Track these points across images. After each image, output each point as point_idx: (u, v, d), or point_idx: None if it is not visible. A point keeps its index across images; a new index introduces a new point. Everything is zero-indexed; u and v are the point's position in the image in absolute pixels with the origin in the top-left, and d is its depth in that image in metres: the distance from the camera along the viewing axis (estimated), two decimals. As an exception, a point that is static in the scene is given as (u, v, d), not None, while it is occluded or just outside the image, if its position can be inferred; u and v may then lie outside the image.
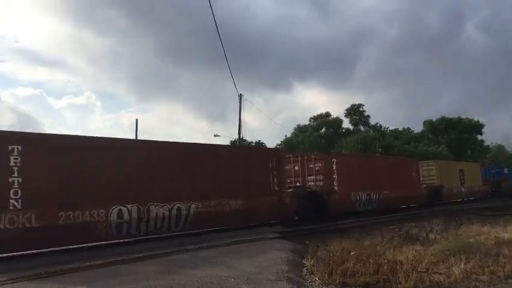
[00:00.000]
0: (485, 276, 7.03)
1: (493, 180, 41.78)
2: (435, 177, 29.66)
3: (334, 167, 20.34)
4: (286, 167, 19.63)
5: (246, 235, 12.78)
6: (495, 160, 68.50)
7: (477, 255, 8.69)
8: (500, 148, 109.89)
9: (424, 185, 28.14)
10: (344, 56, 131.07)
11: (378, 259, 8.50)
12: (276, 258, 8.27)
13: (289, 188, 18.40)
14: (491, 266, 7.54)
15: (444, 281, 6.88)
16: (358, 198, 21.31)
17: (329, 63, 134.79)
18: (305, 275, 7.58)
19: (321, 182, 19.81)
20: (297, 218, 17.67)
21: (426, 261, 7.99)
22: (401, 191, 24.03)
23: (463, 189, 33.49)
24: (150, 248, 10.60)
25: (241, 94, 36.37)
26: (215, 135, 40.93)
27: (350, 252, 9.63)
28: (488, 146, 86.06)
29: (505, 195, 39.50)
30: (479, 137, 77.33)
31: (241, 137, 37.49)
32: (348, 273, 7.25)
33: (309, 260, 8.63)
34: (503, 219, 17.59)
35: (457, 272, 7.17)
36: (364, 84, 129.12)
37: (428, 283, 6.76)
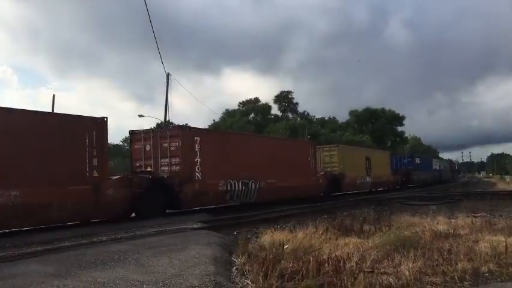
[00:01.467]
0: (438, 278, 6.21)
1: (404, 171, 40.64)
2: (336, 164, 26.65)
3: (197, 148, 16.12)
4: (136, 146, 16.49)
5: (168, 224, 11.36)
6: (412, 151, 71.84)
7: (420, 251, 7.98)
8: (416, 140, 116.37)
9: (322, 173, 24.71)
10: (275, 44, 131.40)
11: (318, 256, 7.50)
12: (201, 256, 6.96)
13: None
14: (442, 265, 6.75)
15: (395, 284, 5.96)
16: (230, 188, 17.40)
17: (260, 50, 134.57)
18: (235, 277, 6.36)
19: (178, 167, 15.58)
20: (134, 215, 13.89)
21: (372, 258, 7.05)
22: (290, 180, 20.74)
23: (368, 179, 31.22)
24: (50, 240, 8.91)
25: (168, 73, 34.50)
26: (140, 116, 38.52)
27: (283, 246, 8.63)
28: (407, 137, 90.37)
29: (414, 186, 39.87)
30: (400, 128, 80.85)
31: (167, 119, 35.59)
32: (286, 275, 6.12)
33: (240, 256, 7.43)
34: (426, 208, 17.69)
35: (407, 273, 6.28)
36: (293, 73, 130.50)
37: (378, 287, 5.80)
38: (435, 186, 42.02)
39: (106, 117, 12.93)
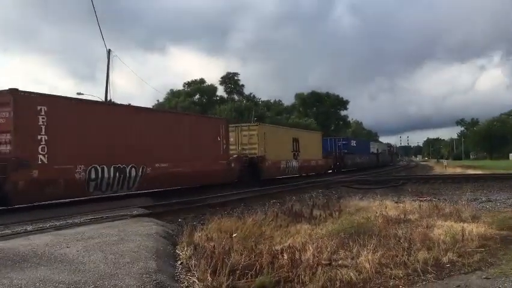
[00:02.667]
0: (400, 271, 5.78)
1: (337, 154, 38.52)
2: (256, 146, 23.39)
3: (41, 121, 12.15)
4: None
5: (105, 211, 10.38)
6: (354, 135, 73.40)
7: (375, 238, 7.60)
8: (358, 124, 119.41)
9: (235, 156, 21.53)
10: (222, 24, 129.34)
11: (271, 246, 6.90)
12: (141, 249, 6.13)
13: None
14: (402, 255, 6.34)
15: (356, 278, 5.46)
16: (95, 175, 13.51)
17: (207, 29, 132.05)
18: (180, 273, 5.61)
19: (7, 147, 11.68)
20: None
21: (328, 249, 6.53)
22: (190, 164, 17.41)
23: (295, 163, 27.95)
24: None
25: (109, 49, 32.60)
26: (78, 94, 36.24)
27: (232, 234, 7.98)
28: (349, 121, 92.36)
29: (349, 171, 37.77)
30: (344, 112, 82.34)
31: (109, 98, 33.73)
32: (237, 270, 5.46)
33: (185, 249, 6.67)
34: (372, 193, 17.69)
35: (367, 266, 5.81)
36: (240, 54, 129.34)
37: (338, 283, 5.28)
38: (372, 171, 40.13)
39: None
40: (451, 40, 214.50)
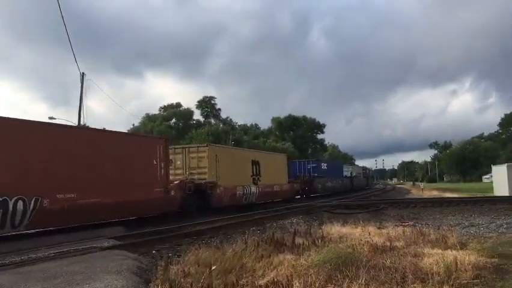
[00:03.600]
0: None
1: (306, 178, 35.20)
2: (206, 170, 20.18)
3: None
4: None
5: (72, 243, 9.61)
6: (331, 158, 73.46)
7: (363, 270, 7.10)
8: (334, 148, 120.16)
9: (176, 182, 17.83)
10: (198, 48, 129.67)
11: (253, 281, 6.33)
12: (109, 290, 5.47)
13: None
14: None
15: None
16: None
17: (183, 54, 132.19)
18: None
19: None
20: None
21: (317, 285, 5.99)
22: (111, 194, 13.78)
23: (254, 188, 24.01)
24: None
25: (83, 73, 31.87)
26: (50, 118, 35.15)
27: (210, 267, 7.37)
28: (326, 145, 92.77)
29: (320, 196, 35.57)
30: (321, 136, 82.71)
31: (83, 122, 32.81)
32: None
33: (159, 287, 6.03)
34: (354, 218, 17.30)
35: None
36: (216, 78, 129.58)
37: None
38: (344, 196, 36.92)
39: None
40: (424, 65, 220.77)
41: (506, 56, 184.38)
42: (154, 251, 9.34)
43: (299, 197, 32.92)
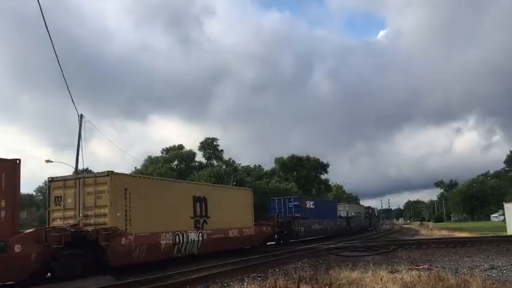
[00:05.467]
0: None
1: (284, 219, 29.25)
2: (107, 212, 14.24)
3: None
4: None
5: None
6: (336, 199, 72.07)
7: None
8: (339, 188, 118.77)
9: (29, 231, 12.17)
10: (202, 91, 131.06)
11: None
12: None
13: None
14: None
15: None
16: None
17: (187, 96, 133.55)
18: None
19: None
20: None
21: None
22: None
23: (196, 235, 17.82)
24: None
25: (81, 114, 31.33)
26: (47, 161, 34.56)
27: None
28: (330, 185, 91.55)
29: (302, 241, 29.85)
30: (325, 176, 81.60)
31: (83, 166, 32.09)
32: None
33: None
34: (363, 261, 16.13)
35: None
36: (220, 120, 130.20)
37: None
38: (337, 239, 30.99)
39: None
40: (427, 104, 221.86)
41: (511, 93, 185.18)
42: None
43: (274, 243, 27.29)
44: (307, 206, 34.01)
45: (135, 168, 67.53)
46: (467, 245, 20.45)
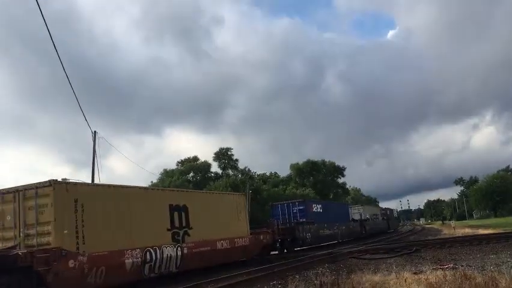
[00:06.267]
0: None
1: (286, 225, 27.27)
2: (51, 229, 11.73)
3: None
4: None
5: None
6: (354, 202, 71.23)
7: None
8: (356, 191, 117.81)
9: None
10: (215, 101, 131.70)
11: None
12: None
13: None
14: None
15: None
16: None
17: (200, 107, 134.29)
18: None
19: None
20: None
21: None
22: None
23: (173, 250, 15.26)
24: None
25: (95, 131, 31.49)
26: (63, 179, 34.52)
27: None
28: (348, 188, 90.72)
29: (306, 248, 27.72)
30: (342, 180, 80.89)
31: (98, 181, 32.21)
32: None
33: None
34: (385, 263, 15.79)
35: None
36: (235, 130, 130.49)
37: None
38: (347, 245, 29.77)
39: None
40: (442, 101, 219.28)
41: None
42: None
43: (276, 252, 25.33)
44: (313, 210, 31.66)
45: (151, 182, 67.79)
46: (492, 242, 19.95)
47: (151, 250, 14.24)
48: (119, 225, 13.53)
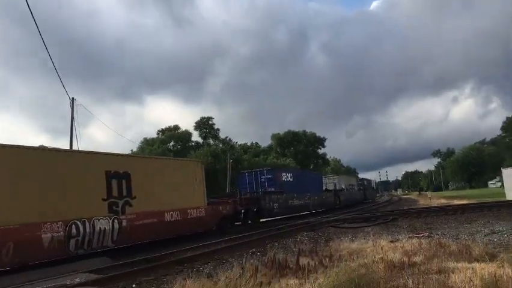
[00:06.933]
0: None
1: (249, 195, 25.15)
2: None
3: None
4: None
5: (42, 280, 8.29)
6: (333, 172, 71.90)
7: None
8: (336, 162, 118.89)
9: None
10: (196, 69, 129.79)
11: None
12: None
13: None
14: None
15: None
16: None
17: (182, 76, 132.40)
18: None
19: None
20: None
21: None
22: None
23: (108, 223, 13.25)
24: None
25: (73, 98, 30.82)
26: (40, 146, 33.86)
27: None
28: (328, 159, 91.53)
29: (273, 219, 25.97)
30: (322, 151, 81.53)
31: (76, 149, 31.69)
32: None
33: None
34: (363, 232, 16.03)
35: None
36: (216, 99, 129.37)
37: None
38: (318, 215, 28.75)
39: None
40: (423, 73, 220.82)
41: (506, 59, 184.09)
42: (134, 285, 8.03)
43: (239, 223, 22.88)
44: (283, 179, 29.45)
45: (131, 150, 67.20)
46: (467, 212, 20.43)
47: (78, 223, 12.23)
48: (36, 194, 11.42)
